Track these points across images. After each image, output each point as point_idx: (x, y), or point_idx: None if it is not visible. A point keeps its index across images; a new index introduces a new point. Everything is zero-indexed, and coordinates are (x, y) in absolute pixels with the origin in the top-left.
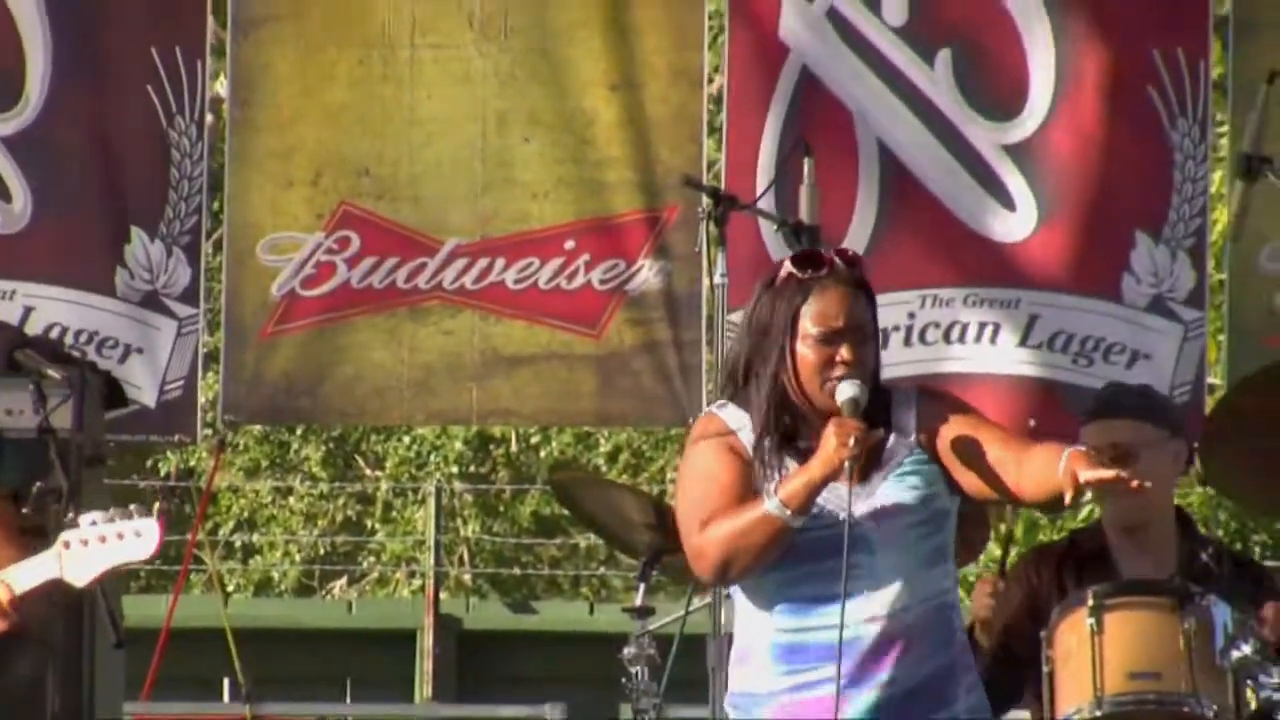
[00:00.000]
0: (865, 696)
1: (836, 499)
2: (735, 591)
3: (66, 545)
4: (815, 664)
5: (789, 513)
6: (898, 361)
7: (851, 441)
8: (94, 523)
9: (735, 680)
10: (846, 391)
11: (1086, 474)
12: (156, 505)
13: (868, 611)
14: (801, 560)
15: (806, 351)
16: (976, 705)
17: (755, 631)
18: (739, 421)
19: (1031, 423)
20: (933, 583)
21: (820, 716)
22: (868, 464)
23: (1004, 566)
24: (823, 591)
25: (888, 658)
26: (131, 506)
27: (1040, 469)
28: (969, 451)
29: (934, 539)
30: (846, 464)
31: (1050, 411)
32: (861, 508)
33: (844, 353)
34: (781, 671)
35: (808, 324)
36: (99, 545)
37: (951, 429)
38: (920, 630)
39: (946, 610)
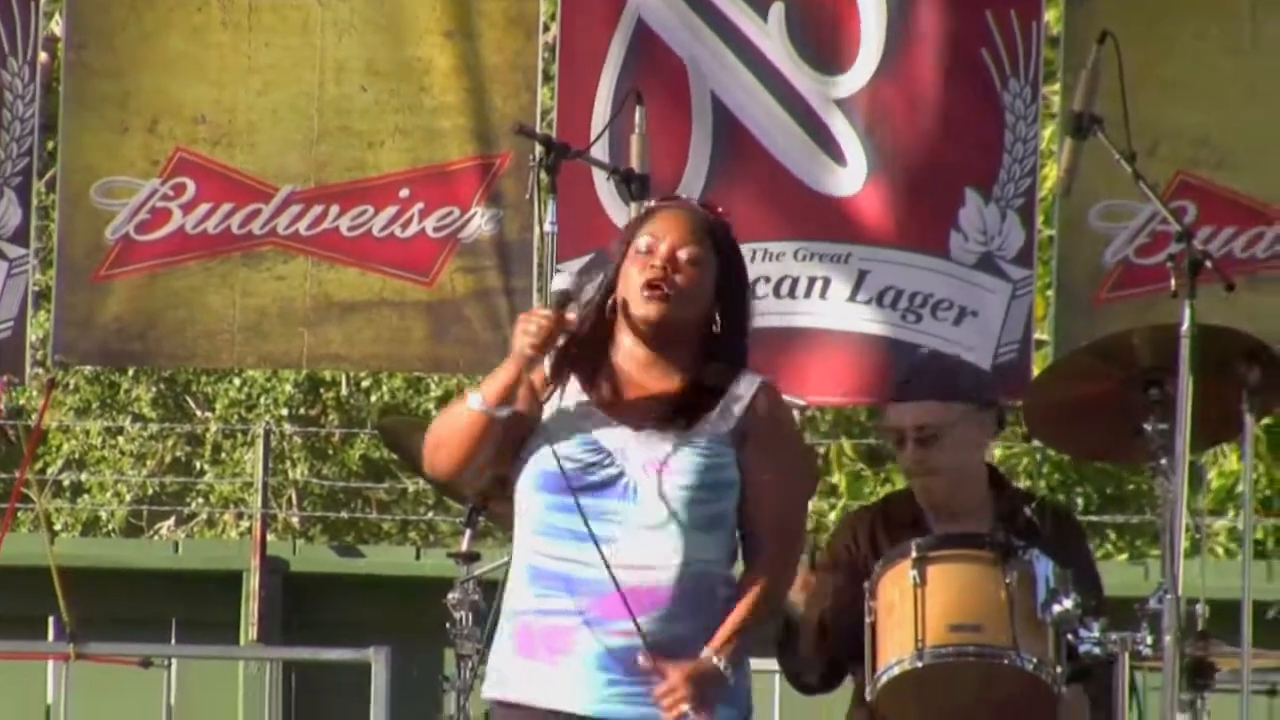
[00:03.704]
0: (600, 638)
1: (615, 439)
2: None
3: None
4: (559, 593)
5: (481, 401)
6: None
7: (533, 328)
8: None
9: (504, 601)
10: (557, 283)
11: None
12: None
13: (621, 559)
14: (567, 491)
15: (632, 264)
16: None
17: (519, 552)
18: None
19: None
20: (699, 549)
21: (547, 645)
22: (681, 418)
23: (813, 561)
24: (582, 527)
25: (634, 608)
26: None
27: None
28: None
29: (711, 506)
30: (527, 354)
31: (879, 366)
32: (643, 456)
33: (655, 261)
34: (531, 594)
35: (641, 239)
36: None
37: (758, 473)
38: (674, 590)
39: (709, 579)
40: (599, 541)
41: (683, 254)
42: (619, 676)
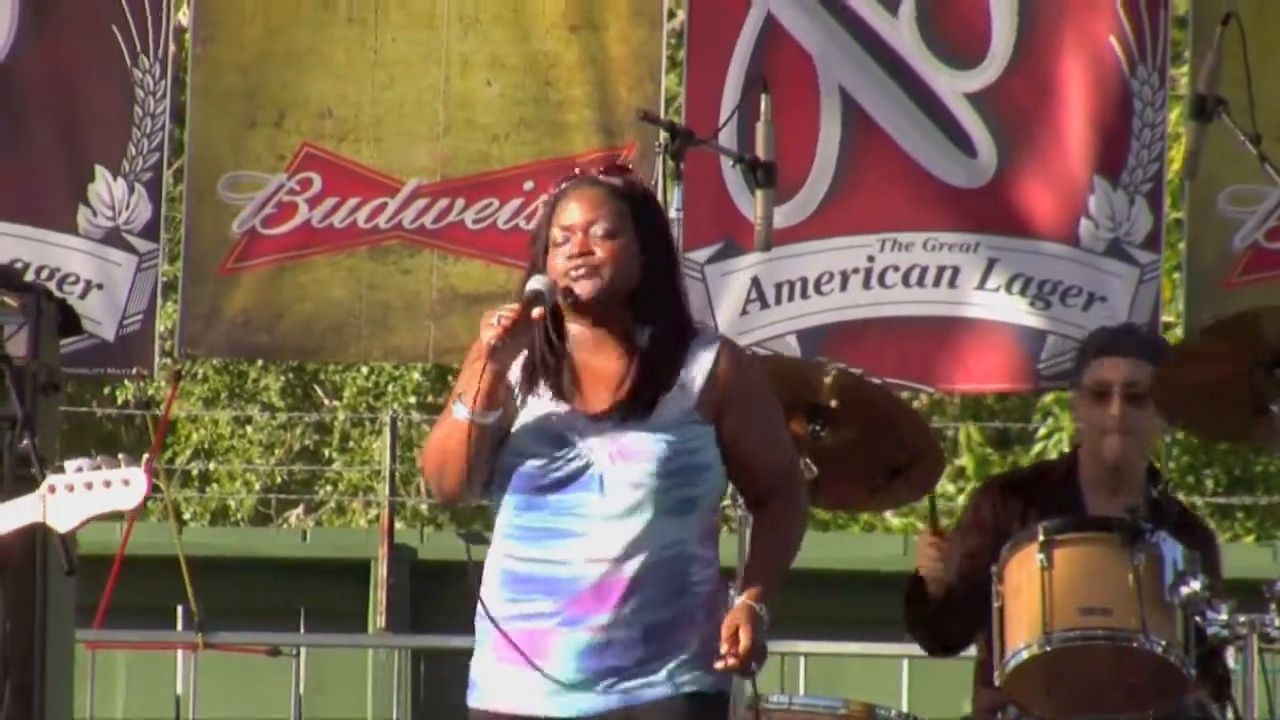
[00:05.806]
0: (578, 636)
1: (578, 432)
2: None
3: (51, 490)
4: (533, 596)
5: (467, 410)
6: (858, 304)
7: (496, 321)
8: (80, 469)
9: (481, 607)
10: (532, 284)
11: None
12: (145, 456)
13: (591, 552)
14: (534, 490)
15: (555, 258)
16: (703, 653)
17: (493, 555)
18: None
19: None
20: (670, 532)
21: (526, 650)
22: (635, 407)
23: (935, 523)
24: (551, 524)
25: (608, 601)
26: (120, 455)
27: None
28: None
29: (681, 491)
30: (492, 344)
31: (1008, 353)
32: (608, 446)
33: (571, 245)
34: (505, 599)
35: (554, 232)
36: (85, 492)
37: (734, 424)
38: (648, 578)
39: (682, 561)
40: (567, 536)
41: (596, 230)
42: (598, 675)
